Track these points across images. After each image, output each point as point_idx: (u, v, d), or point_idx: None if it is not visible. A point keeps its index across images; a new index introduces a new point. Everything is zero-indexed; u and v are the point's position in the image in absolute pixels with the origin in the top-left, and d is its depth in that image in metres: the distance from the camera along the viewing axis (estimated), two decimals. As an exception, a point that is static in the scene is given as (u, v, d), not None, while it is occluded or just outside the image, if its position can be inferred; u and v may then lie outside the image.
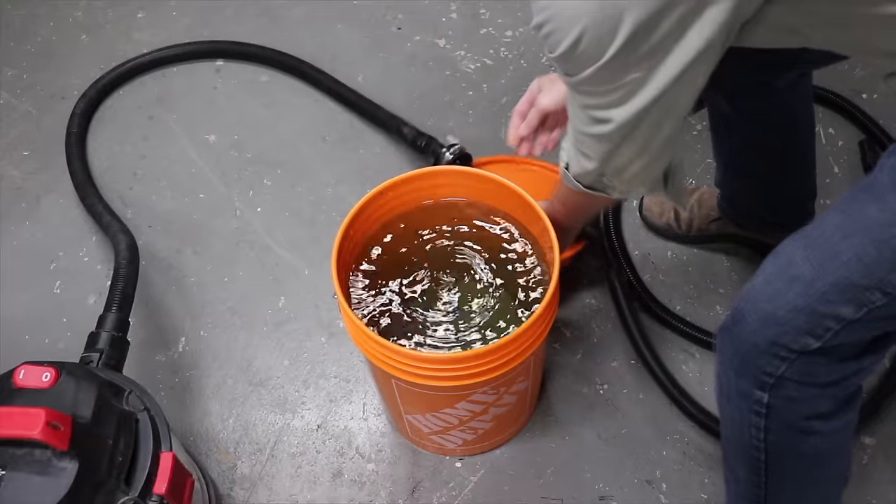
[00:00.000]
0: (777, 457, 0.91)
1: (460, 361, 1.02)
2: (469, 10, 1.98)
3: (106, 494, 0.98)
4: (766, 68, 1.16)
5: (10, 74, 1.94)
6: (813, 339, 0.80)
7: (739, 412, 0.89)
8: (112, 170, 1.75)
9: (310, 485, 1.34)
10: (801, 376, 0.83)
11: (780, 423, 0.87)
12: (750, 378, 0.85)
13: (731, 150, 1.37)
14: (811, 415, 0.86)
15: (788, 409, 0.86)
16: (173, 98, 1.87)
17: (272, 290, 1.56)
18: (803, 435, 0.88)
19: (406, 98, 1.75)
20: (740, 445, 0.93)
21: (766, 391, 0.85)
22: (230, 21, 2.00)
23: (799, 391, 0.84)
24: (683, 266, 1.54)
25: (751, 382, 0.85)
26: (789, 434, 0.88)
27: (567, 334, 1.47)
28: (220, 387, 1.45)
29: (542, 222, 1.13)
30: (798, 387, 0.84)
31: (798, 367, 0.82)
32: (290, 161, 1.75)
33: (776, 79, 1.18)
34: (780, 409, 0.86)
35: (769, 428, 0.88)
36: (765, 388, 0.85)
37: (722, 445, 1.02)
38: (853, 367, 0.84)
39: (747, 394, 0.86)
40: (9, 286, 1.59)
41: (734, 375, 0.87)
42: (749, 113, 1.25)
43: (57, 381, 0.99)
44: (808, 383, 0.84)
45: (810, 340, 0.80)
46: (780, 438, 0.89)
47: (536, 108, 1.17)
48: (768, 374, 0.84)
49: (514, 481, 1.32)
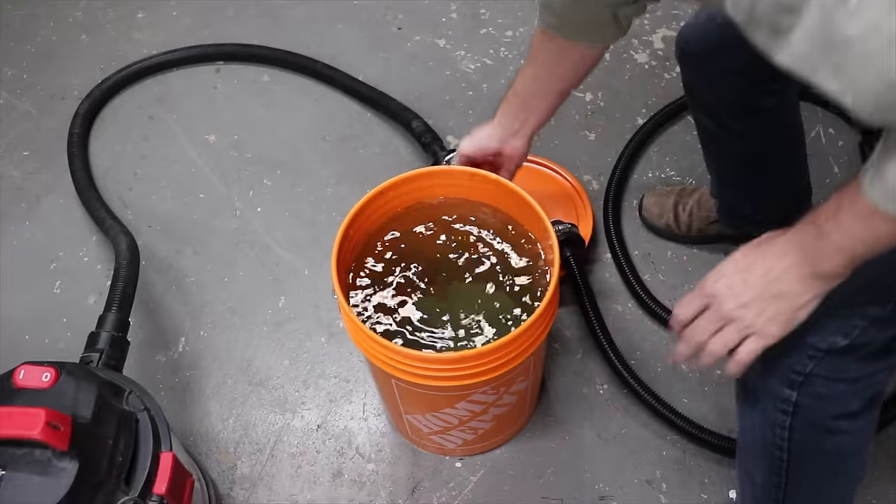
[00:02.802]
0: (799, 456, 0.92)
1: (460, 361, 1.02)
2: (469, 10, 1.98)
3: (106, 494, 0.98)
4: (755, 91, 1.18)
5: (10, 74, 1.94)
6: (841, 338, 0.81)
7: (764, 413, 0.90)
8: (112, 170, 1.75)
9: (310, 485, 1.34)
10: (830, 372, 0.84)
11: (806, 422, 0.88)
12: (779, 377, 0.86)
13: (721, 165, 1.39)
14: (838, 413, 0.87)
15: (816, 407, 0.87)
16: (173, 98, 1.87)
17: (272, 290, 1.56)
18: (829, 434, 0.89)
19: (406, 98, 1.75)
20: (762, 447, 0.93)
21: (795, 389, 0.86)
22: (231, 21, 2.00)
23: (827, 387, 0.85)
24: (683, 266, 1.54)
25: (780, 381, 0.86)
26: (815, 433, 0.89)
27: (567, 334, 1.47)
28: (220, 387, 1.45)
29: (541, 222, 1.13)
30: (826, 383, 0.85)
31: (826, 364, 0.83)
32: (290, 161, 1.75)
33: (764, 99, 1.20)
34: (808, 408, 0.87)
35: (794, 427, 0.89)
36: (793, 385, 0.86)
37: (739, 450, 1.02)
38: (881, 364, 0.85)
39: (775, 393, 0.87)
40: (9, 286, 1.59)
41: (762, 375, 0.88)
42: (736, 131, 1.26)
43: (57, 381, 0.99)
44: (836, 379, 0.85)
45: (839, 339, 0.81)
46: (805, 437, 0.90)
47: (459, 153, 1.22)
48: (797, 373, 0.85)
49: (514, 481, 1.33)
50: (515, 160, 1.23)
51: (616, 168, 1.64)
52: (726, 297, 0.82)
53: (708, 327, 0.84)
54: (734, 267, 0.83)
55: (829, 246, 0.76)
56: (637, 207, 1.60)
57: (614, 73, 1.83)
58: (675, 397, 1.37)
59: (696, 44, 1.17)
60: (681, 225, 1.53)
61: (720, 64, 1.15)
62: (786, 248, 0.79)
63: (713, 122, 1.27)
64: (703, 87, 1.23)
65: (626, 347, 1.42)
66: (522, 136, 1.19)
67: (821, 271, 0.77)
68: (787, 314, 0.79)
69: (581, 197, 1.56)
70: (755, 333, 0.81)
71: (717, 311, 0.83)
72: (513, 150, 1.21)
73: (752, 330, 0.81)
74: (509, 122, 1.18)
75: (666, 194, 1.56)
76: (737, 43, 1.09)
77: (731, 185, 1.41)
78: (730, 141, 1.29)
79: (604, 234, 1.56)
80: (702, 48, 1.17)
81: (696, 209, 1.51)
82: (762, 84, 1.16)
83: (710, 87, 1.21)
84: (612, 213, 1.57)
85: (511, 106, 1.17)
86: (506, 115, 1.18)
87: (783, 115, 1.26)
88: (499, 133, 1.19)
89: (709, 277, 0.85)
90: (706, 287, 0.85)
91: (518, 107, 1.17)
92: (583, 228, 1.50)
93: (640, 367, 1.41)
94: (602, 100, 1.79)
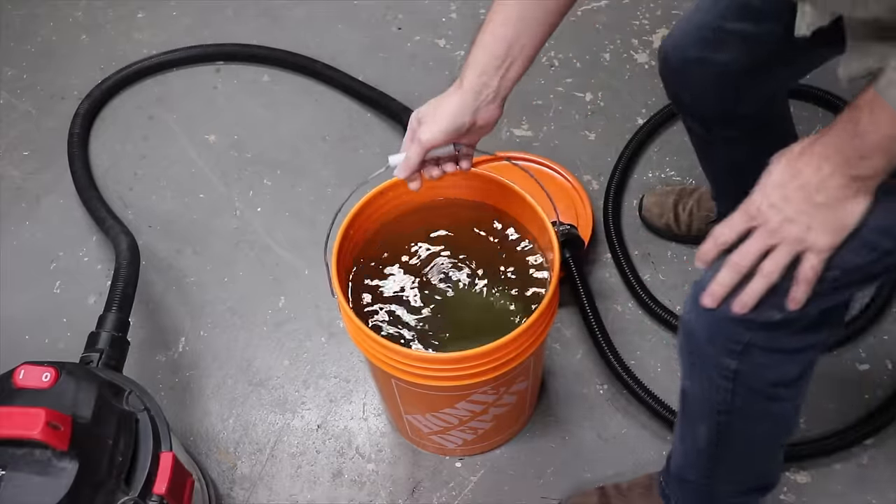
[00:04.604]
0: (741, 418, 0.94)
1: (460, 361, 1.02)
2: (469, 10, 1.98)
3: (106, 494, 0.98)
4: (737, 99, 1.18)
5: (10, 74, 1.94)
6: (777, 312, 0.82)
7: (709, 378, 0.91)
8: (113, 170, 1.75)
9: (310, 485, 1.34)
10: (767, 343, 0.85)
11: (747, 388, 0.90)
12: (719, 346, 0.87)
13: (715, 170, 1.40)
14: (777, 381, 0.89)
15: (756, 375, 0.88)
16: (173, 98, 1.87)
17: (272, 290, 1.56)
18: (768, 400, 0.91)
19: (406, 98, 1.75)
20: (707, 407, 0.95)
21: (735, 358, 0.87)
22: (230, 21, 2.00)
23: (765, 357, 0.87)
24: (683, 266, 1.54)
25: (720, 350, 0.87)
26: (755, 398, 0.91)
27: (567, 334, 1.47)
28: (220, 387, 1.45)
29: (541, 222, 1.13)
30: (764, 353, 0.86)
31: (763, 335, 0.84)
32: (290, 161, 1.75)
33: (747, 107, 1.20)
34: (748, 375, 0.88)
35: (737, 392, 0.90)
36: (733, 355, 0.86)
37: (681, 406, 1.03)
38: (814, 338, 0.87)
39: (717, 361, 0.88)
40: (9, 286, 1.59)
41: (705, 343, 0.88)
42: (726, 138, 1.26)
43: (57, 381, 0.99)
44: (774, 350, 0.86)
45: (774, 313, 0.82)
46: (746, 402, 0.91)
47: (419, 144, 0.99)
48: (736, 342, 0.85)
49: (514, 481, 1.33)
50: (487, 130, 1.01)
51: (616, 168, 1.64)
52: (771, 215, 0.79)
53: (756, 246, 0.80)
54: (774, 182, 0.80)
55: (866, 146, 0.73)
56: (637, 207, 1.60)
57: (614, 73, 1.83)
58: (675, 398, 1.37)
59: (675, 59, 1.18)
60: (681, 225, 1.53)
61: (698, 75, 1.16)
62: (822, 155, 0.76)
63: (703, 129, 1.28)
64: (687, 98, 1.24)
65: (625, 348, 1.42)
66: (499, 97, 0.97)
67: (861, 174, 0.75)
68: (835, 223, 0.77)
69: (581, 197, 1.56)
70: (808, 249, 0.78)
71: (764, 228, 0.79)
72: (487, 119, 0.99)
73: (804, 245, 0.78)
74: (483, 83, 0.95)
75: (666, 194, 1.56)
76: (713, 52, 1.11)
77: (727, 191, 1.42)
78: (721, 148, 1.30)
79: (604, 234, 1.56)
80: (680, 63, 1.18)
81: (696, 209, 1.51)
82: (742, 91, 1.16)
83: (693, 99, 1.23)
84: (612, 213, 1.57)
85: (486, 59, 0.95)
86: (480, 73, 0.95)
87: (769, 119, 1.26)
88: (471, 101, 0.96)
89: (753, 198, 0.82)
90: (750, 208, 0.81)
91: (497, 58, 0.94)
92: (583, 228, 1.50)
93: (640, 367, 1.41)
94: (602, 100, 1.79)
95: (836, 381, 1.37)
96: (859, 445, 1.31)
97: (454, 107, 0.96)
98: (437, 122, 0.97)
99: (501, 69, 0.94)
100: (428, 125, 0.97)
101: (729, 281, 0.82)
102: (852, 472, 1.30)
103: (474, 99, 0.96)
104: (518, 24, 0.93)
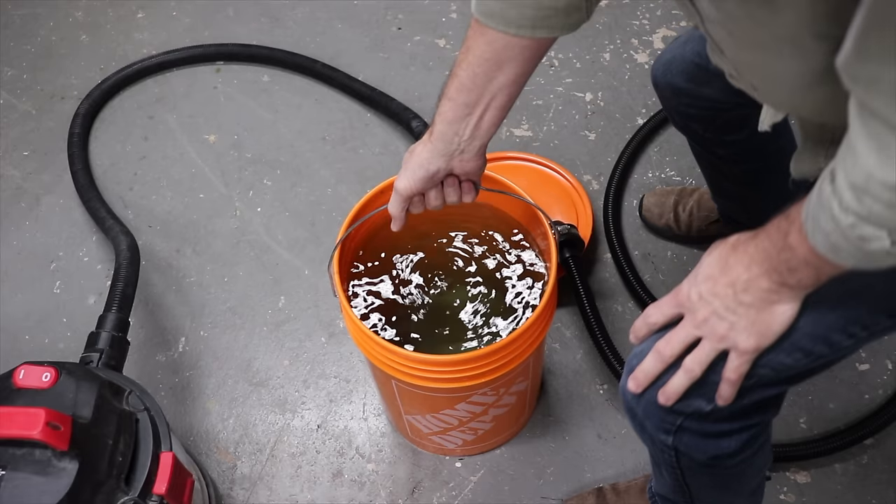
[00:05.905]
0: (693, 477, 0.92)
1: (460, 363, 1.02)
2: (469, 10, 1.97)
3: (106, 494, 0.98)
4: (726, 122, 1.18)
5: (10, 74, 1.94)
6: (705, 403, 0.80)
7: (653, 443, 0.89)
8: (112, 170, 1.75)
9: (310, 485, 1.34)
10: (699, 427, 0.83)
11: (689, 460, 0.88)
12: (655, 424, 0.85)
13: (711, 177, 1.40)
14: (717, 455, 0.86)
15: (694, 449, 0.86)
16: (173, 98, 1.87)
17: (272, 290, 1.56)
18: (713, 468, 0.89)
19: (406, 98, 1.75)
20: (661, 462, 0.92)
21: (671, 435, 0.84)
22: (231, 21, 2.00)
23: (698, 440, 0.84)
24: (683, 266, 1.54)
25: (657, 426, 0.85)
26: (700, 467, 0.89)
27: (567, 334, 1.47)
28: (220, 387, 1.45)
29: (540, 222, 1.13)
30: (695, 436, 0.84)
31: (695, 422, 0.82)
32: (290, 161, 1.75)
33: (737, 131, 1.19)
34: (686, 451, 0.86)
35: (680, 460, 0.88)
36: (669, 432, 0.84)
37: None
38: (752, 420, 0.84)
39: (655, 434, 0.86)
40: (9, 286, 1.59)
41: (642, 417, 0.86)
42: (720, 154, 1.27)
43: (57, 381, 0.99)
44: (708, 434, 0.84)
45: (703, 404, 0.80)
46: (692, 468, 0.90)
47: (396, 193, 0.99)
48: (670, 423, 0.83)
49: (514, 481, 1.33)
50: (474, 173, 0.99)
51: (616, 168, 1.64)
52: (699, 306, 0.76)
53: (681, 336, 0.78)
54: (705, 274, 0.78)
55: (794, 259, 0.69)
56: (637, 207, 1.60)
57: (614, 73, 1.83)
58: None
59: (663, 84, 1.19)
60: (681, 225, 1.53)
61: (685, 103, 1.17)
62: (753, 257, 0.74)
63: (697, 144, 1.30)
64: (677, 118, 1.25)
65: (625, 348, 1.42)
66: (476, 144, 0.95)
67: (789, 283, 0.72)
68: (761, 325, 0.74)
69: (581, 197, 1.56)
70: (732, 348, 0.75)
71: (692, 318, 0.77)
72: (465, 168, 0.97)
73: (727, 343, 0.75)
74: (454, 132, 0.93)
75: (666, 194, 1.56)
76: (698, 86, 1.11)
77: (724, 197, 1.43)
78: (717, 162, 1.30)
79: (604, 234, 1.56)
80: (668, 90, 1.18)
81: (696, 209, 1.51)
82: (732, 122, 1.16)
83: (682, 120, 1.23)
84: (612, 213, 1.57)
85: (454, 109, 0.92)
86: (449, 122, 0.93)
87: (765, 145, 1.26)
88: (441, 148, 0.94)
89: (683, 285, 0.80)
90: (680, 295, 0.79)
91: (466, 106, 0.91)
92: (582, 228, 1.50)
93: (640, 367, 1.41)
94: (602, 100, 1.79)
95: (836, 381, 1.38)
96: (859, 445, 1.31)
97: (425, 155, 0.95)
98: (410, 170, 0.97)
99: (470, 124, 0.92)
100: (403, 173, 0.98)
101: (652, 370, 0.80)
102: (852, 472, 1.30)
103: (445, 147, 0.94)
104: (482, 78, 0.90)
